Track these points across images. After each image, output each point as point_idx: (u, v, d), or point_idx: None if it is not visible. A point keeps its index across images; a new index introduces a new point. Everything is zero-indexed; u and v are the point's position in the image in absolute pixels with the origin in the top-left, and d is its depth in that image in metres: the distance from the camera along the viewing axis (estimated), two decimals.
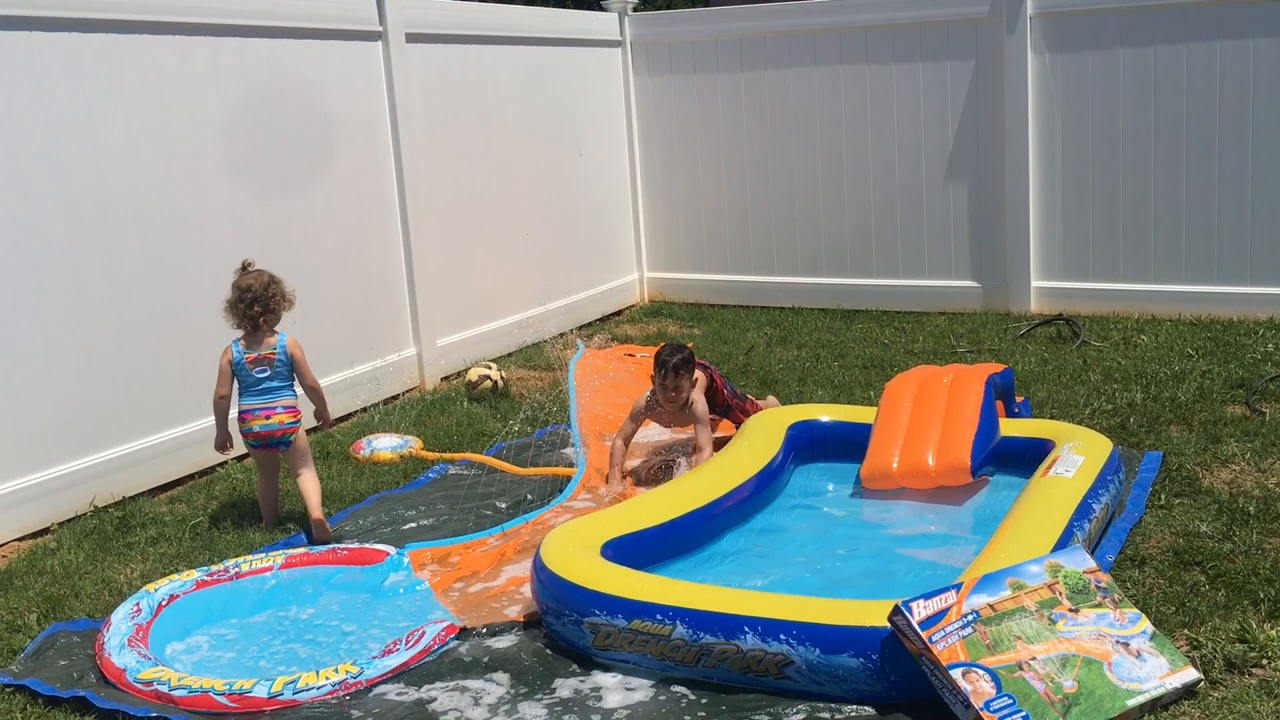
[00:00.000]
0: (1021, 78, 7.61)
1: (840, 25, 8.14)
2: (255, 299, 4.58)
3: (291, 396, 4.70)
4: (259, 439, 4.62)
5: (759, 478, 4.55)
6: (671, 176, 8.94)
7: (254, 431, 4.61)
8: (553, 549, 3.73)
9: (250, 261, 4.72)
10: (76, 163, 4.98)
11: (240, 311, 4.60)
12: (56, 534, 4.74)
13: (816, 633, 3.19)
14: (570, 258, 8.30)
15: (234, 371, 4.63)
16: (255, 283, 4.60)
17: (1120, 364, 6.36)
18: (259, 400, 4.62)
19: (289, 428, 4.65)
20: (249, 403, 4.62)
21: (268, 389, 4.63)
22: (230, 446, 4.79)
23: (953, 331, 7.45)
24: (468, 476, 5.22)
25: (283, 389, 4.67)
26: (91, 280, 5.05)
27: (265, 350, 4.62)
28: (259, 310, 4.58)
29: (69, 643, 3.74)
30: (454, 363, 7.07)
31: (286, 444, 4.65)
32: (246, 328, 4.62)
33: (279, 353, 4.63)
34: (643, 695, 3.33)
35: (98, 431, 5.06)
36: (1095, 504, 4.00)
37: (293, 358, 4.66)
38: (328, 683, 3.39)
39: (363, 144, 6.49)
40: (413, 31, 6.71)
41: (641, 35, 8.84)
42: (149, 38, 5.24)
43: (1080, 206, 7.67)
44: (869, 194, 8.27)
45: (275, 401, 4.63)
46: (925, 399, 4.70)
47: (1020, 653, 3.06)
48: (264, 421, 4.60)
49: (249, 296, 4.58)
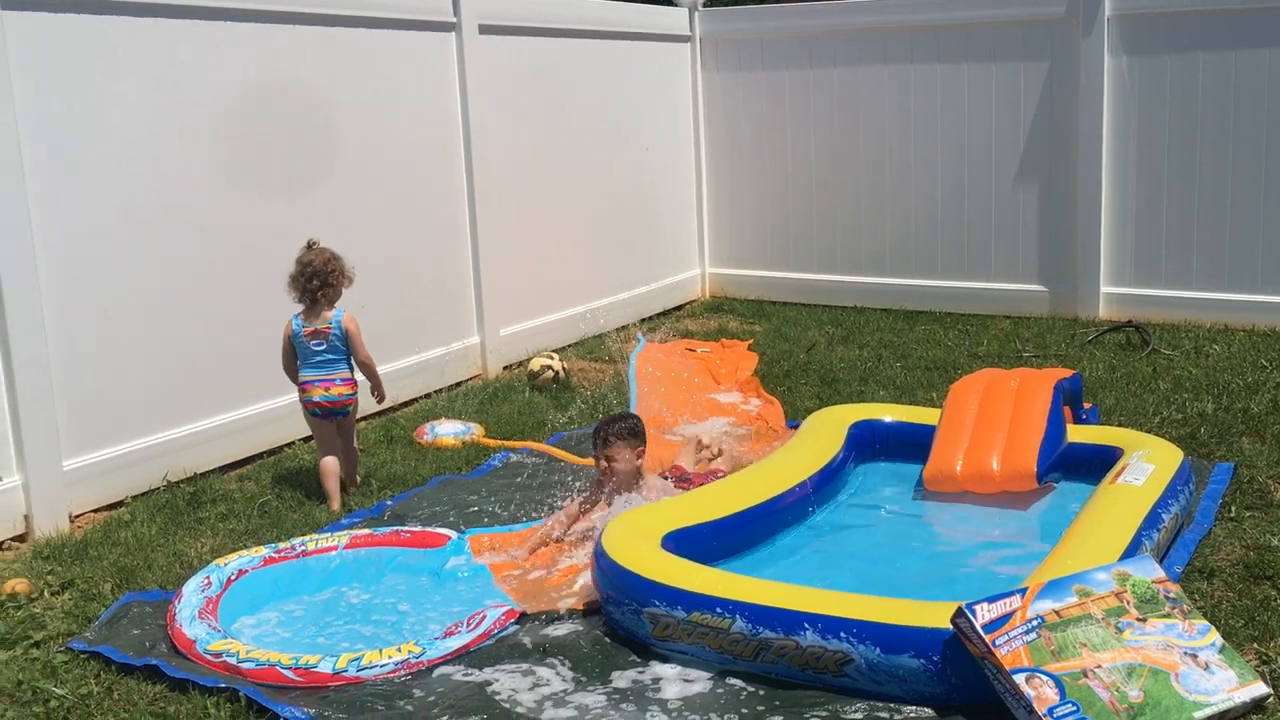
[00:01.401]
0: (1097, 80, 7.49)
1: (912, 24, 8.07)
2: (315, 273, 4.76)
3: (347, 370, 4.89)
4: (318, 408, 4.83)
5: (820, 475, 4.54)
6: (736, 172, 8.92)
7: (313, 401, 4.83)
8: (614, 538, 3.75)
9: (315, 240, 4.89)
10: (163, 149, 5.09)
11: (300, 285, 4.79)
12: (131, 507, 4.86)
13: (877, 632, 3.18)
14: (633, 251, 8.32)
15: (293, 344, 4.83)
16: (316, 259, 4.79)
17: (1191, 373, 6.25)
18: (317, 372, 4.82)
19: (347, 399, 4.87)
20: (308, 374, 4.83)
21: (324, 362, 4.83)
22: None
23: (1018, 335, 7.36)
24: (529, 465, 5.27)
25: (338, 362, 4.85)
26: (172, 262, 5.16)
27: (321, 324, 4.80)
28: (317, 285, 4.77)
29: (142, 612, 3.84)
30: (516, 352, 7.13)
31: (344, 414, 4.88)
32: (306, 302, 4.82)
33: (334, 327, 4.81)
34: (701, 687, 3.34)
35: (172, 409, 5.18)
36: (1164, 513, 3.94)
37: (347, 333, 4.83)
38: (390, 661, 3.44)
39: (434, 134, 6.56)
40: (485, 23, 6.77)
41: (711, 31, 8.83)
42: (226, 24, 5.34)
43: (1153, 212, 7.54)
44: (936, 194, 8.19)
45: (333, 374, 4.83)
46: (991, 402, 4.66)
47: (1085, 660, 3.02)
48: (323, 392, 4.81)
49: (309, 271, 4.77)
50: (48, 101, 4.67)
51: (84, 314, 4.83)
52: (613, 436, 4.39)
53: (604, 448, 4.40)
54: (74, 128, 4.77)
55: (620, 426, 4.43)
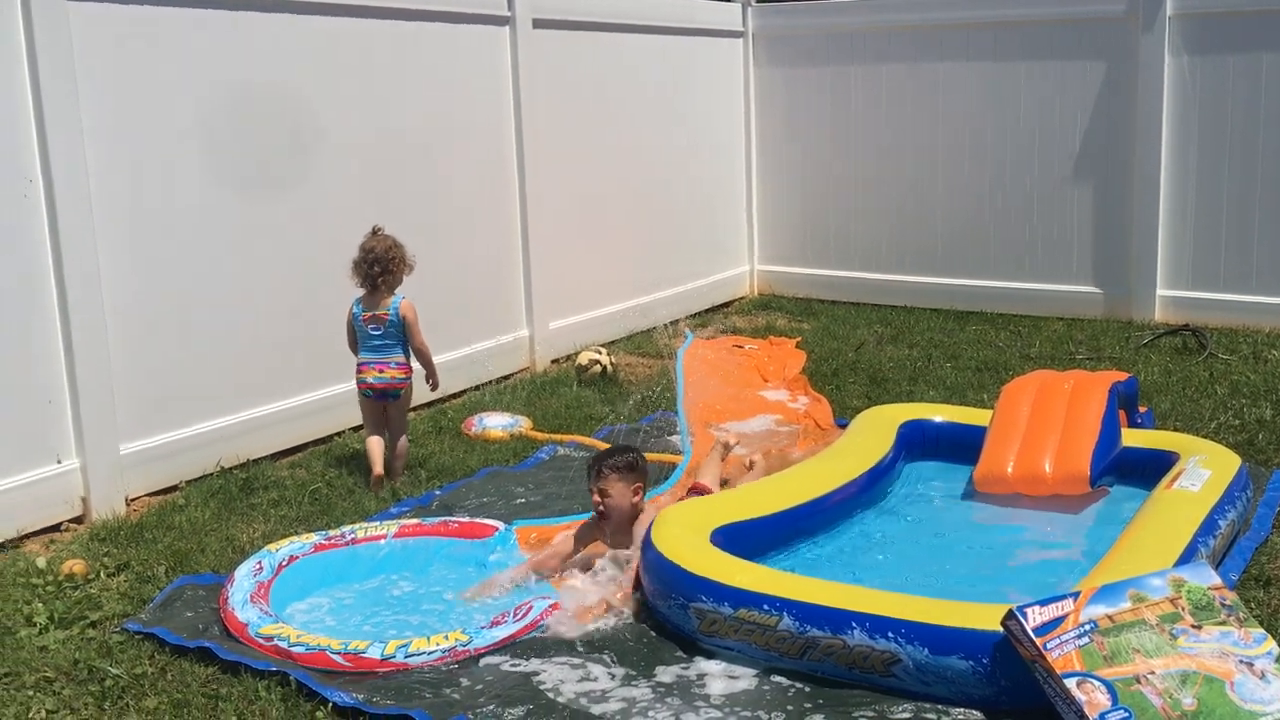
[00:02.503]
0: (1157, 79, 7.37)
1: (967, 21, 7.99)
2: (376, 259, 4.86)
3: (402, 355, 4.99)
4: (371, 389, 4.95)
5: (870, 474, 4.52)
6: (787, 169, 8.88)
7: (367, 382, 4.94)
8: (663, 532, 3.75)
9: (380, 227, 4.98)
10: (222, 138, 5.16)
11: (362, 271, 4.89)
12: (185, 491, 4.94)
13: (926, 632, 3.16)
14: (683, 247, 8.31)
15: (353, 326, 4.95)
16: (379, 245, 4.89)
17: (1249, 378, 6.14)
18: (373, 356, 4.94)
19: (399, 383, 4.97)
20: (365, 357, 4.95)
21: (380, 346, 4.93)
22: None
23: (1071, 338, 7.27)
24: (576, 459, 5.28)
25: (394, 347, 4.95)
26: (224, 251, 5.23)
27: (380, 310, 4.91)
28: (378, 271, 4.87)
29: (195, 595, 3.90)
30: (564, 346, 7.15)
31: (396, 396, 4.99)
32: (367, 287, 4.91)
33: (391, 313, 4.90)
34: (747, 684, 3.33)
35: (226, 396, 5.26)
36: (1221, 520, 3.88)
37: (404, 319, 4.92)
38: (438, 649, 3.47)
39: (487, 128, 6.60)
40: (540, 17, 6.80)
41: (764, 26, 8.80)
42: (285, 16, 5.40)
43: (1213, 214, 7.41)
44: (988, 193, 8.11)
45: (388, 358, 4.95)
46: (1045, 403, 4.60)
47: (1138, 666, 2.98)
48: (377, 374, 4.94)
49: (370, 257, 4.87)
50: (106, 91, 4.74)
51: (142, 301, 4.91)
52: (607, 469, 4.00)
53: (597, 480, 4.00)
54: (132, 116, 4.84)
55: (616, 460, 4.04)
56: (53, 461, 4.64)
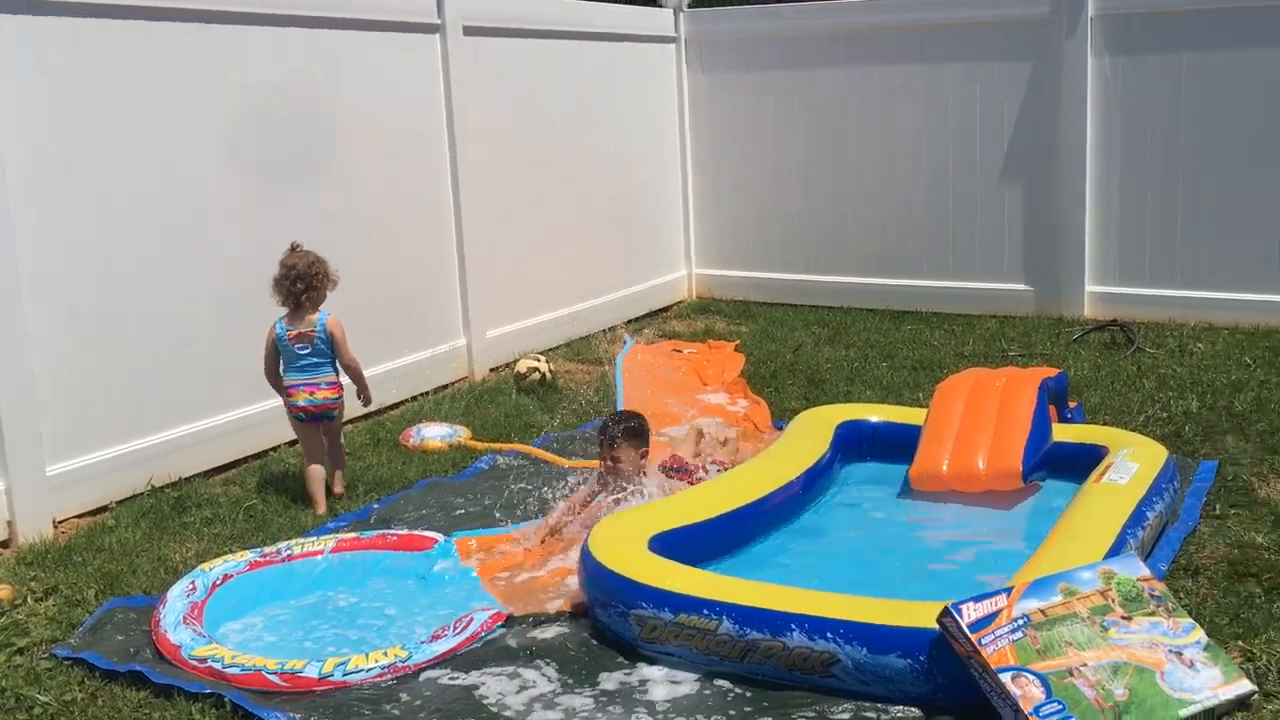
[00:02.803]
0: (1080, 80, 7.52)
1: (897, 24, 8.09)
2: (299, 276, 4.73)
3: (333, 373, 4.87)
4: (304, 412, 4.81)
5: (806, 476, 4.55)
6: (722, 174, 8.93)
7: (299, 405, 4.80)
8: (601, 541, 3.75)
9: (298, 243, 4.85)
10: (137, 153, 5.07)
11: (284, 289, 4.76)
12: (115, 512, 4.83)
13: (864, 632, 3.19)
14: (619, 253, 8.32)
15: (277, 347, 4.81)
16: (300, 261, 4.76)
17: (1176, 372, 6.27)
18: (302, 376, 4.80)
19: (332, 403, 4.85)
20: (294, 378, 4.81)
21: (309, 365, 4.80)
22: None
23: (1004, 335, 7.38)
24: (516, 467, 5.26)
25: (323, 365, 4.83)
26: (157, 266, 5.14)
27: (306, 328, 4.78)
28: (302, 288, 4.74)
29: (126, 618, 3.82)
30: (503, 354, 7.12)
31: (330, 418, 4.87)
32: (290, 305, 4.79)
33: (318, 330, 4.78)
34: (688, 689, 3.34)
35: (156, 413, 5.16)
36: (1149, 512, 3.95)
37: (332, 336, 4.81)
38: (377, 665, 3.43)
39: (419, 136, 6.55)
40: (470, 24, 6.76)
41: (696, 32, 8.84)
42: (203, 26, 5.32)
43: (1137, 211, 7.57)
44: (921, 194, 8.21)
45: (318, 378, 4.82)
46: (977, 401, 4.67)
47: (1071, 659, 3.03)
48: (308, 396, 4.80)
49: (293, 274, 4.74)
50: (32, 105, 4.64)
51: (68, 319, 4.80)
52: (618, 437, 4.45)
53: (609, 448, 4.46)
54: (59, 133, 4.74)
55: (626, 427, 4.48)
56: None
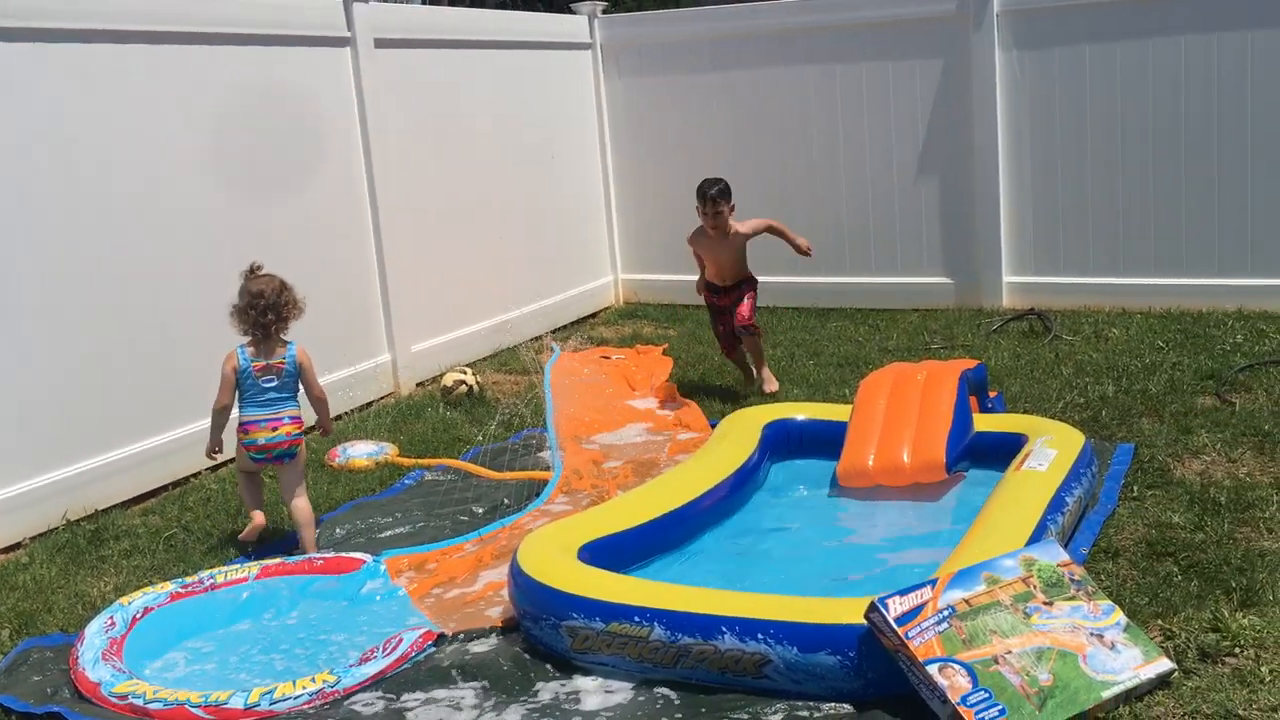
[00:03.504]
0: (989, 74, 7.65)
1: (810, 25, 8.16)
2: (269, 306, 4.34)
3: (296, 407, 4.48)
4: (263, 451, 4.38)
5: (735, 477, 4.56)
6: (644, 178, 8.94)
7: (258, 444, 4.38)
8: (530, 553, 3.72)
9: (259, 265, 4.48)
10: (58, 169, 4.93)
11: (251, 319, 4.36)
12: (28, 548, 4.69)
13: (794, 631, 3.20)
14: (544, 261, 8.29)
15: (238, 380, 4.39)
16: (268, 288, 4.37)
17: (1092, 357, 6.41)
18: (263, 411, 4.38)
19: (295, 439, 4.43)
20: (252, 414, 4.38)
21: (273, 400, 4.40)
22: (219, 453, 4.54)
23: (926, 328, 7.48)
24: (444, 482, 5.21)
25: (288, 400, 4.45)
26: (63, 285, 4.99)
27: (275, 360, 4.40)
28: (272, 319, 4.36)
29: (42, 658, 3.70)
30: (429, 368, 7.05)
31: (292, 456, 4.44)
32: (257, 335, 4.39)
33: (288, 363, 4.42)
34: (622, 697, 3.33)
35: (69, 444, 5.02)
36: (1068, 497, 4.02)
37: (301, 367, 4.46)
38: (304, 693, 3.37)
39: (334, 150, 6.46)
40: (381, 37, 6.69)
41: (611, 37, 8.84)
42: (124, 47, 5.21)
43: (1049, 201, 7.72)
44: (841, 192, 8.30)
45: (281, 412, 4.41)
46: (900, 396, 4.72)
47: (996, 647, 3.07)
48: (269, 434, 4.37)
49: (261, 304, 4.34)
50: None
51: None
52: (718, 196, 6.14)
53: (711, 205, 6.14)
54: None
55: (721, 188, 6.16)
56: None
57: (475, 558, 4.33)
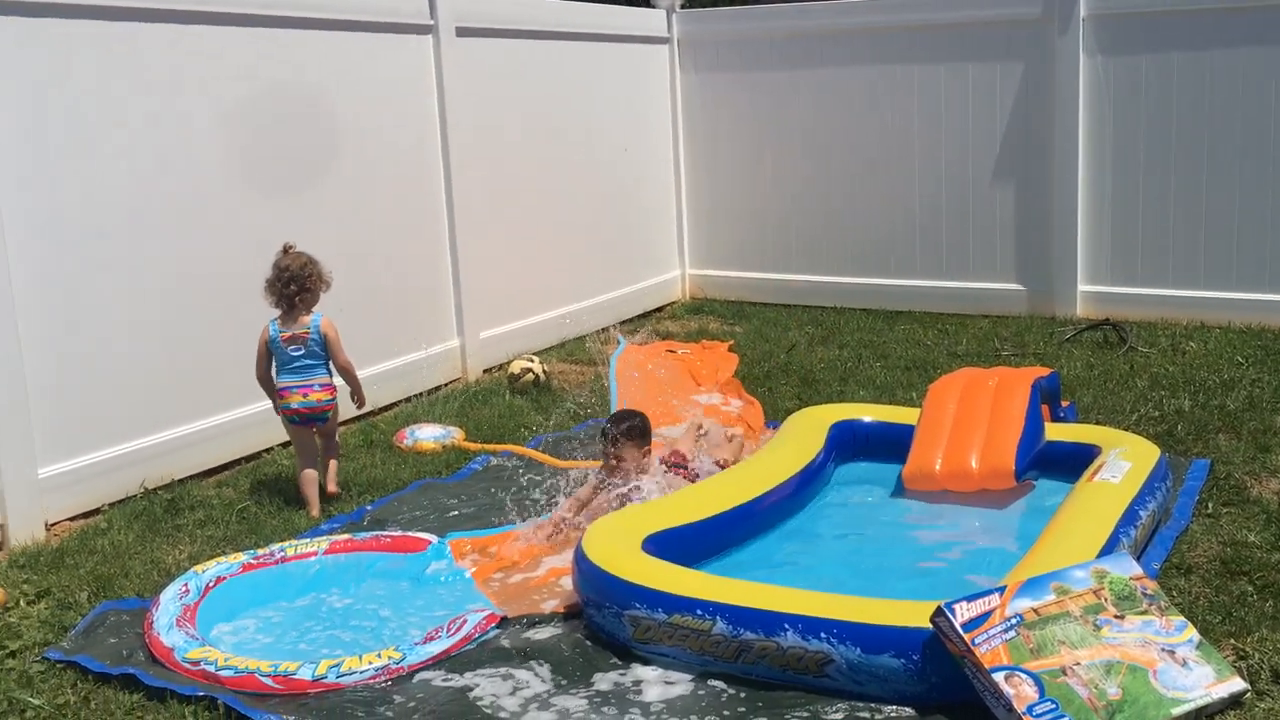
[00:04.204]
0: (1072, 80, 7.53)
1: (890, 24, 8.10)
2: (292, 278, 4.73)
3: (326, 375, 4.85)
4: (296, 415, 4.81)
5: (800, 476, 4.55)
6: (715, 174, 8.93)
7: (292, 408, 4.80)
8: (595, 541, 3.75)
9: (291, 244, 4.84)
10: (139, 155, 5.06)
11: (277, 290, 4.75)
12: (107, 514, 4.82)
13: (858, 632, 3.19)
14: (613, 253, 8.32)
15: (270, 349, 4.78)
16: (293, 263, 4.75)
17: (1168, 371, 6.29)
18: (295, 379, 4.79)
19: (326, 405, 4.83)
20: (286, 380, 4.79)
21: (302, 367, 4.79)
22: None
23: (997, 334, 7.39)
24: (510, 468, 5.25)
25: (316, 367, 4.82)
26: (147, 266, 5.13)
27: (299, 329, 4.77)
28: (295, 290, 4.73)
29: (118, 621, 3.81)
30: (496, 355, 7.11)
31: (324, 420, 4.85)
32: (283, 306, 4.77)
33: (312, 332, 4.77)
34: (682, 689, 3.34)
35: (149, 415, 5.14)
36: (1142, 510, 3.96)
37: (325, 337, 4.80)
38: (370, 667, 3.43)
39: (412, 136, 6.55)
40: (463, 25, 6.76)
41: (689, 32, 8.84)
42: (202, 28, 5.32)
43: (1129, 210, 7.58)
44: (914, 194, 8.22)
45: (311, 379, 4.80)
46: (970, 401, 4.67)
47: (1064, 658, 3.04)
48: (301, 399, 4.79)
49: (286, 276, 4.73)
50: (24, 108, 4.63)
51: (60, 320, 4.79)
52: (621, 436, 4.44)
53: (612, 446, 4.45)
54: (51, 134, 4.73)
55: (628, 425, 4.48)
56: None
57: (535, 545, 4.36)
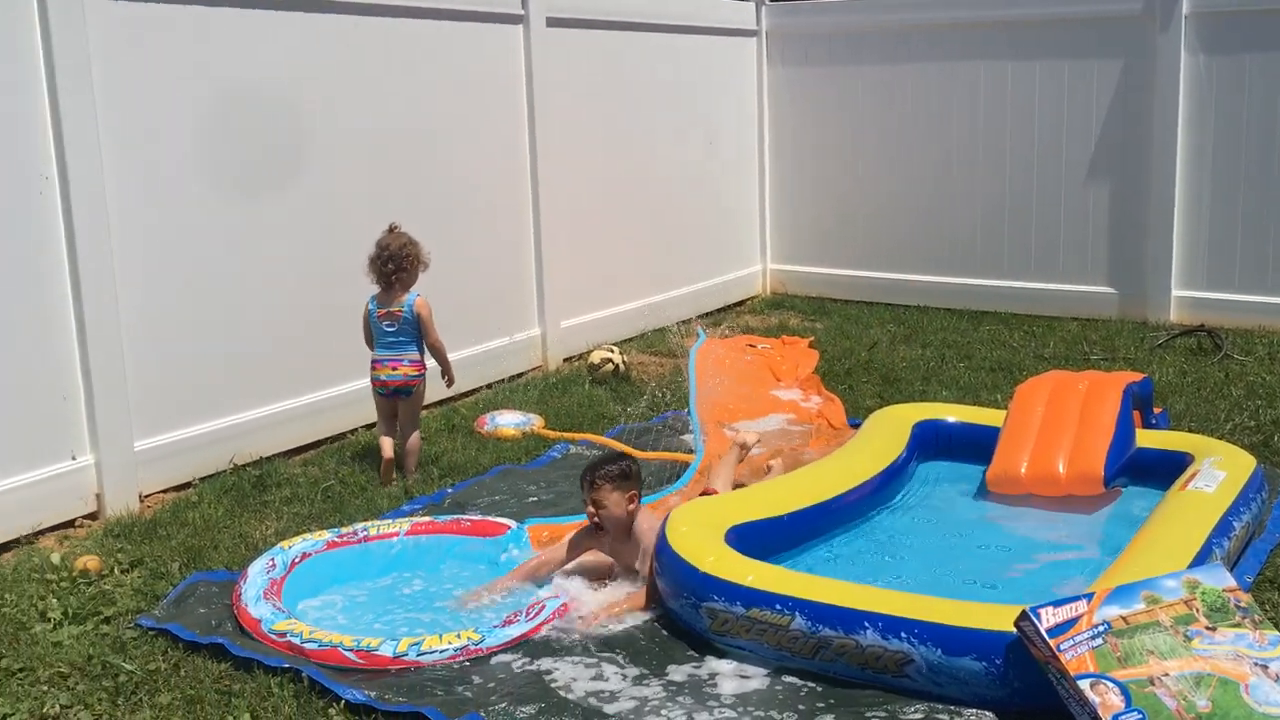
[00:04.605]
0: (1173, 78, 7.34)
1: (982, 20, 7.97)
2: (390, 257, 4.94)
3: (416, 352, 5.04)
4: (384, 386, 5.03)
5: (882, 475, 4.51)
6: (800, 168, 8.87)
7: (380, 380, 5.02)
8: (676, 531, 3.74)
9: (396, 225, 5.04)
10: (230, 134, 5.18)
11: (377, 268, 4.97)
12: (198, 488, 4.95)
13: (939, 633, 3.15)
14: (695, 246, 8.31)
15: (369, 324, 5.02)
16: (393, 242, 4.96)
17: (1265, 379, 6.10)
18: (387, 353, 5.01)
19: (412, 380, 5.03)
20: (379, 354, 5.03)
21: (394, 343, 5.00)
22: None
23: (1086, 338, 7.24)
24: (588, 457, 5.27)
25: (408, 344, 5.01)
26: (241, 249, 5.25)
27: (394, 307, 4.98)
28: (392, 268, 4.94)
29: (208, 592, 3.91)
30: (576, 344, 7.15)
31: (408, 394, 5.05)
32: (382, 284, 4.99)
33: (405, 311, 4.97)
34: (758, 684, 3.33)
35: (240, 394, 5.27)
36: (1236, 521, 3.85)
37: (418, 316, 4.99)
38: (450, 647, 3.47)
39: (499, 125, 6.60)
40: (553, 16, 6.80)
41: (778, 25, 8.79)
42: (298, 14, 5.42)
43: (1229, 214, 7.37)
44: (1004, 193, 8.08)
45: (401, 355, 5.01)
46: (1059, 404, 4.59)
47: (1152, 668, 2.97)
48: (390, 372, 5.01)
49: (385, 254, 4.95)
50: (125, 86, 4.76)
51: (157, 299, 4.92)
52: (600, 480, 3.86)
53: (591, 491, 3.87)
54: (146, 113, 4.86)
55: (609, 470, 3.89)
56: (68, 458, 4.66)
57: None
